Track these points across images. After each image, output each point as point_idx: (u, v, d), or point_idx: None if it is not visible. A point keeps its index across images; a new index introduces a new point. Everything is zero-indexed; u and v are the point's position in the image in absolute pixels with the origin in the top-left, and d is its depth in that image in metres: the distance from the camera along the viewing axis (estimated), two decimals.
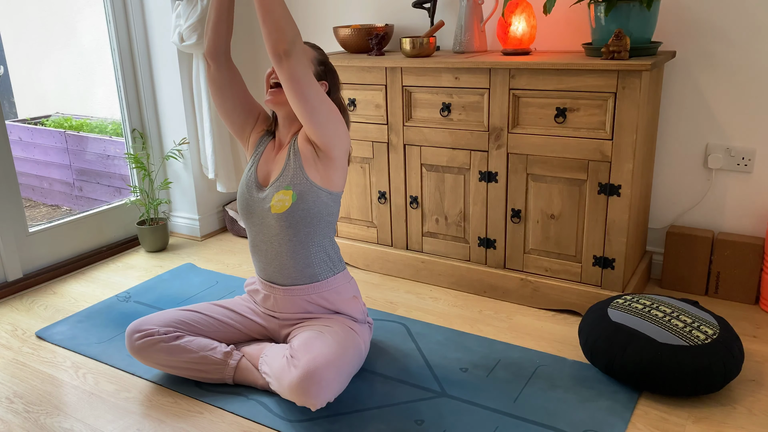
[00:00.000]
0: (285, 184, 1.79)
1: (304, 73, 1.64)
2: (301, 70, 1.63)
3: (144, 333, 1.83)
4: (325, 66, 1.87)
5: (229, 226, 3.16)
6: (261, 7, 1.58)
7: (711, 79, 2.24)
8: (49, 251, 2.73)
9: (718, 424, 1.66)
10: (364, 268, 2.68)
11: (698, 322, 1.80)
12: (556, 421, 1.67)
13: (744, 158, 2.24)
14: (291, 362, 1.66)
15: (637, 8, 2.00)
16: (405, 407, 1.75)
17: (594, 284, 2.18)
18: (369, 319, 2.03)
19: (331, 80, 1.89)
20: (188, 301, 2.44)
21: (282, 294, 1.87)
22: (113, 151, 3.48)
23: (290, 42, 1.59)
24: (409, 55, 2.38)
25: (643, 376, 1.72)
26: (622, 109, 1.97)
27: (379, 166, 2.51)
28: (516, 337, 2.11)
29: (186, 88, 2.95)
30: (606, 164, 2.04)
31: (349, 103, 2.49)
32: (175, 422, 1.73)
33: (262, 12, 1.58)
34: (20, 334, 2.25)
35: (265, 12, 1.58)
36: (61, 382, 1.94)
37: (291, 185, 1.79)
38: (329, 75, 1.88)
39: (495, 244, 2.34)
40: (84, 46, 3.67)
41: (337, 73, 1.93)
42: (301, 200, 1.79)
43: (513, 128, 2.18)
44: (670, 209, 2.43)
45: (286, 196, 1.78)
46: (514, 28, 2.27)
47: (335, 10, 2.89)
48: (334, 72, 1.91)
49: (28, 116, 3.88)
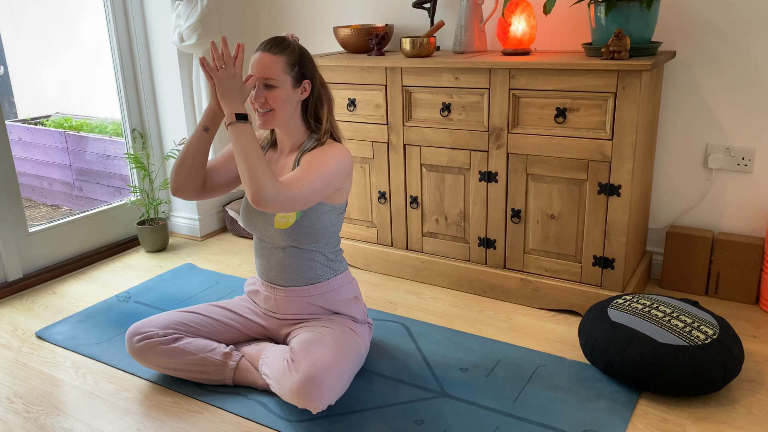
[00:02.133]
0: None
1: (288, 200, 1.60)
2: (286, 202, 1.60)
3: (143, 335, 1.83)
4: (299, 65, 1.74)
5: (229, 226, 3.16)
6: (238, 155, 1.59)
7: (711, 79, 2.24)
8: (49, 251, 2.73)
9: (718, 424, 1.66)
10: (364, 268, 2.68)
11: (698, 322, 1.80)
12: (556, 421, 1.67)
13: (744, 158, 2.24)
14: (292, 366, 1.66)
15: (637, 8, 2.00)
16: (405, 407, 1.75)
17: (594, 284, 2.18)
18: (369, 320, 2.02)
19: (309, 74, 1.77)
20: (188, 301, 2.44)
21: (283, 295, 1.87)
22: (113, 151, 3.48)
23: (266, 194, 1.56)
24: (409, 55, 2.38)
25: (643, 376, 1.72)
26: (622, 109, 1.97)
27: (379, 166, 2.51)
28: (516, 337, 2.11)
29: (186, 88, 2.95)
30: (606, 164, 2.04)
31: (349, 103, 2.49)
32: (175, 422, 1.73)
33: (239, 160, 1.59)
34: (20, 334, 2.25)
35: (241, 160, 1.58)
36: (61, 382, 1.94)
37: None
38: (306, 69, 1.75)
39: (495, 244, 2.34)
40: (84, 46, 3.67)
41: (311, 59, 1.79)
42: (305, 217, 1.78)
43: (513, 128, 2.18)
44: (670, 209, 2.43)
45: (290, 213, 1.77)
46: (514, 28, 2.27)
47: (335, 10, 2.89)
48: (309, 61, 1.77)
49: (28, 116, 3.88)
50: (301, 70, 1.74)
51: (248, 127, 1.62)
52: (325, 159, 1.71)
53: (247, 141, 1.60)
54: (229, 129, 1.62)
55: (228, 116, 1.63)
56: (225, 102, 1.64)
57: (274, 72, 1.69)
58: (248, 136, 1.61)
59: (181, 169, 1.77)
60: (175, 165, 1.78)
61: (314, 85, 1.79)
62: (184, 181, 1.77)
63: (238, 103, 1.64)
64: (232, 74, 1.65)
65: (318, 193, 1.67)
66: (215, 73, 1.64)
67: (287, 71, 1.71)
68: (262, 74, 1.69)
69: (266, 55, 1.71)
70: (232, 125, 1.61)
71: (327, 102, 1.83)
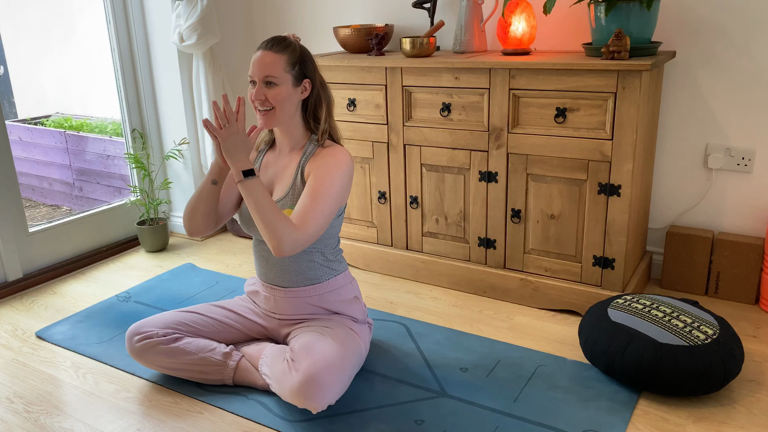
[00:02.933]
0: (290, 203, 1.79)
1: (306, 240, 1.65)
2: (305, 243, 1.65)
3: (143, 335, 1.83)
4: (300, 64, 1.75)
5: (229, 226, 3.16)
6: (251, 209, 1.64)
7: (711, 79, 2.24)
8: (49, 251, 2.73)
9: (718, 424, 1.66)
10: (364, 268, 2.68)
11: (698, 322, 1.80)
12: (556, 421, 1.67)
13: (744, 158, 2.24)
14: (292, 366, 1.66)
15: (637, 8, 2.00)
16: (405, 407, 1.75)
17: (594, 284, 2.18)
18: (369, 320, 2.02)
19: (310, 74, 1.77)
20: (188, 301, 2.44)
21: (283, 295, 1.87)
22: (113, 151, 3.48)
23: (285, 246, 1.62)
24: (409, 55, 2.38)
25: (643, 376, 1.72)
26: (622, 109, 1.97)
27: (379, 166, 2.51)
28: (516, 337, 2.11)
29: (186, 88, 2.95)
30: (606, 164, 2.04)
31: (349, 103, 2.49)
32: (175, 422, 1.73)
33: (253, 214, 1.64)
34: (20, 334, 2.25)
35: (255, 215, 1.63)
36: (61, 382, 1.94)
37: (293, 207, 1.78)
38: (306, 68, 1.76)
39: (495, 244, 2.34)
40: (84, 46, 3.67)
41: (312, 59, 1.80)
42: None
43: (513, 128, 2.18)
44: (670, 209, 2.43)
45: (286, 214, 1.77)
46: (514, 28, 2.27)
47: (335, 10, 2.89)
48: (310, 61, 1.78)
49: (28, 116, 3.88)
50: (302, 69, 1.75)
51: (257, 182, 1.65)
52: (329, 178, 1.72)
53: (258, 195, 1.63)
54: (239, 186, 1.65)
55: (236, 174, 1.65)
56: (231, 160, 1.66)
57: (275, 70, 1.70)
58: (258, 190, 1.64)
59: (195, 216, 1.82)
60: (188, 213, 1.82)
61: (314, 84, 1.79)
62: (199, 225, 1.83)
63: (244, 160, 1.66)
64: (235, 131, 1.66)
65: (330, 216, 1.71)
66: (219, 133, 1.66)
67: (288, 70, 1.72)
68: (263, 72, 1.70)
69: (268, 54, 1.72)
70: (242, 183, 1.64)
71: (326, 102, 1.83)
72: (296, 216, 1.66)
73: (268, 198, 1.64)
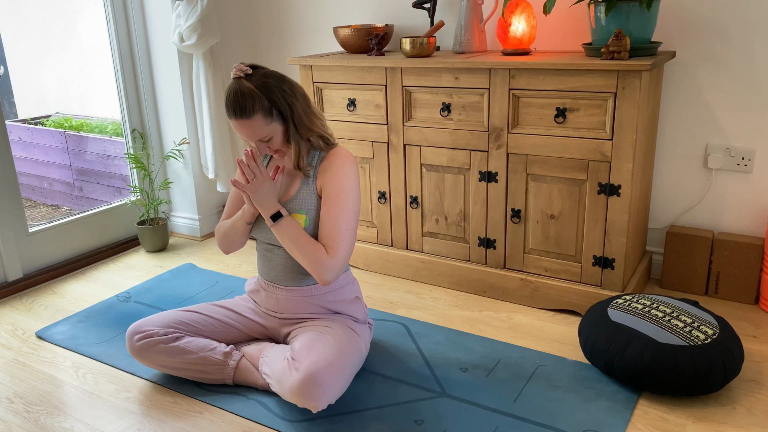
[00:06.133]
0: (298, 207, 1.80)
1: (343, 262, 1.75)
2: (343, 264, 1.76)
3: (144, 334, 1.83)
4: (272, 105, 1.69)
5: None
6: (287, 247, 1.76)
7: (711, 79, 2.24)
8: (49, 251, 2.73)
9: (718, 424, 1.66)
10: (364, 268, 2.68)
11: (698, 322, 1.80)
12: (556, 421, 1.67)
13: (744, 158, 2.24)
14: (292, 365, 1.66)
15: (637, 8, 2.00)
16: (405, 407, 1.75)
17: (594, 284, 2.18)
18: (369, 320, 2.03)
19: (284, 102, 1.70)
20: (188, 301, 2.44)
21: (284, 294, 1.87)
22: (113, 151, 3.48)
23: (327, 276, 1.73)
24: (409, 55, 2.38)
25: (643, 376, 1.72)
26: (622, 109, 1.97)
27: (379, 166, 2.51)
28: (516, 337, 2.11)
29: (186, 88, 2.95)
30: (606, 164, 2.04)
31: (349, 103, 2.49)
32: (175, 422, 1.73)
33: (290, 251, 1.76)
34: (20, 334, 2.25)
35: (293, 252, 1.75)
36: (61, 382, 1.94)
37: (304, 210, 1.80)
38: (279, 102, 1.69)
39: (495, 244, 2.34)
40: (84, 46, 3.66)
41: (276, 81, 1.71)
42: (314, 225, 1.81)
43: (513, 128, 2.18)
44: (670, 209, 2.43)
45: (299, 220, 1.79)
46: (514, 28, 2.27)
47: (335, 10, 2.89)
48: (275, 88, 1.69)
49: (28, 116, 3.88)
50: (276, 108, 1.70)
51: (288, 221, 1.75)
52: (343, 190, 1.77)
53: (292, 233, 1.74)
54: (272, 230, 1.76)
55: (267, 220, 1.76)
56: (262, 209, 1.76)
57: (260, 131, 1.71)
58: (291, 228, 1.74)
59: (233, 246, 1.93)
60: (225, 243, 1.92)
61: (291, 107, 1.72)
62: (235, 249, 1.94)
63: (273, 204, 1.76)
64: (262, 181, 1.74)
65: (355, 229, 1.80)
66: (247, 188, 1.74)
67: (269, 122, 1.71)
68: (252, 137, 1.74)
69: (243, 122, 1.69)
70: (274, 226, 1.75)
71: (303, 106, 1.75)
72: (326, 242, 1.75)
73: (302, 234, 1.74)
